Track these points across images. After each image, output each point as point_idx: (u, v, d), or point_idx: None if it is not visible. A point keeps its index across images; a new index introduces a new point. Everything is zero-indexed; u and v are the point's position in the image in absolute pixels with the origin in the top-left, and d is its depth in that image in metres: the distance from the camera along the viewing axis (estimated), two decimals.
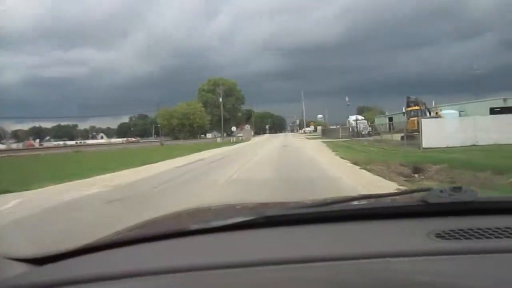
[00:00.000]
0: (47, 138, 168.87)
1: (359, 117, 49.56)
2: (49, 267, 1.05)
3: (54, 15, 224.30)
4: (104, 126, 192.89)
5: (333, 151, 21.93)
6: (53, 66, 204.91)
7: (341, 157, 17.19)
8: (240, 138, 67.24)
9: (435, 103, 67.19)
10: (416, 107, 25.03)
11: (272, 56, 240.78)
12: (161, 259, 1.02)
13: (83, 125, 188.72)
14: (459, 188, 1.15)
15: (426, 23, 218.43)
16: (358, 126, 45.58)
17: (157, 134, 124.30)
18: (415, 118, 23.84)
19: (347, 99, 61.22)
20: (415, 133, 22.82)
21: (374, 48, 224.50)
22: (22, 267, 1.06)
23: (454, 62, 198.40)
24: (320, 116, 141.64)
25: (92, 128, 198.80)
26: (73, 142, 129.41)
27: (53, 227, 5.66)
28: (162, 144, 57.17)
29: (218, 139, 60.14)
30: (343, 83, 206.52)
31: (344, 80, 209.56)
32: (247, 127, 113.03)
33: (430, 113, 25.44)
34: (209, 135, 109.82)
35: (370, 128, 45.96)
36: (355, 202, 1.30)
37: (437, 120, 20.31)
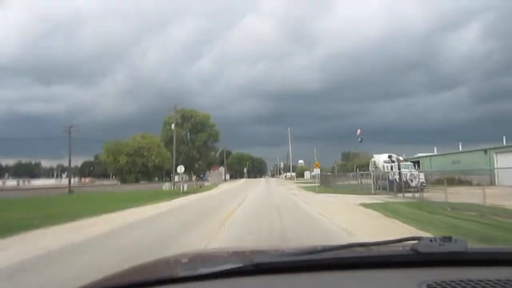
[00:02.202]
0: (6, 175, 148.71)
1: (398, 157, 28.51)
2: None
3: (30, 52, 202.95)
4: (73, 165, 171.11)
5: None
6: (26, 101, 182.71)
7: None
8: (200, 185, 45.15)
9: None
10: None
11: (253, 100, 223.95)
12: None
13: (50, 163, 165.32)
14: (449, 238, 1.11)
15: (402, 76, 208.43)
16: (399, 172, 24.59)
17: (116, 174, 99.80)
18: None
19: (358, 131, 40.72)
20: None
21: (355, 96, 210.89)
22: None
23: (435, 112, 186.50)
24: (301, 161, 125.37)
25: (60, 166, 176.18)
26: (14, 183, 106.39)
27: None
28: (71, 192, 34.65)
29: (166, 185, 38.11)
30: (325, 129, 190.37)
31: (325, 126, 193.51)
32: (221, 169, 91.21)
33: None
34: (176, 178, 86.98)
35: (423, 176, 25.01)
36: (345, 251, 1.21)
37: None
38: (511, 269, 1.07)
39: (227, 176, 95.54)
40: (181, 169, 33.35)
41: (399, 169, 25.00)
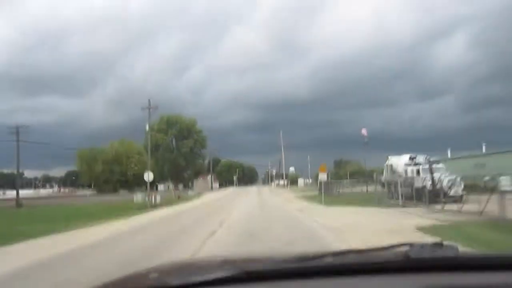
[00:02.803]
0: None
1: (428, 157, 22.68)
2: None
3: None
4: (58, 175, 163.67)
5: None
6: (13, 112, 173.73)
7: None
8: (178, 195, 38.72)
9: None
10: None
11: (243, 110, 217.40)
12: None
13: (35, 174, 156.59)
14: (440, 244, 1.10)
15: (389, 85, 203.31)
16: (432, 177, 18.81)
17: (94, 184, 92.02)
18: None
19: (364, 132, 35.06)
20: None
21: (343, 105, 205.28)
22: None
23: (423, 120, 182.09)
24: (292, 168, 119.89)
25: (45, 176, 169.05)
26: None
27: None
28: (19, 205, 28.11)
29: (137, 196, 31.57)
30: (315, 137, 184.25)
31: (315, 134, 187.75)
32: (209, 178, 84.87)
33: None
34: (161, 187, 79.70)
35: (462, 183, 19.23)
36: (337, 257, 1.20)
37: None
38: (501, 274, 1.05)
39: (216, 185, 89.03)
40: (149, 176, 27.03)
41: (432, 173, 19.27)
